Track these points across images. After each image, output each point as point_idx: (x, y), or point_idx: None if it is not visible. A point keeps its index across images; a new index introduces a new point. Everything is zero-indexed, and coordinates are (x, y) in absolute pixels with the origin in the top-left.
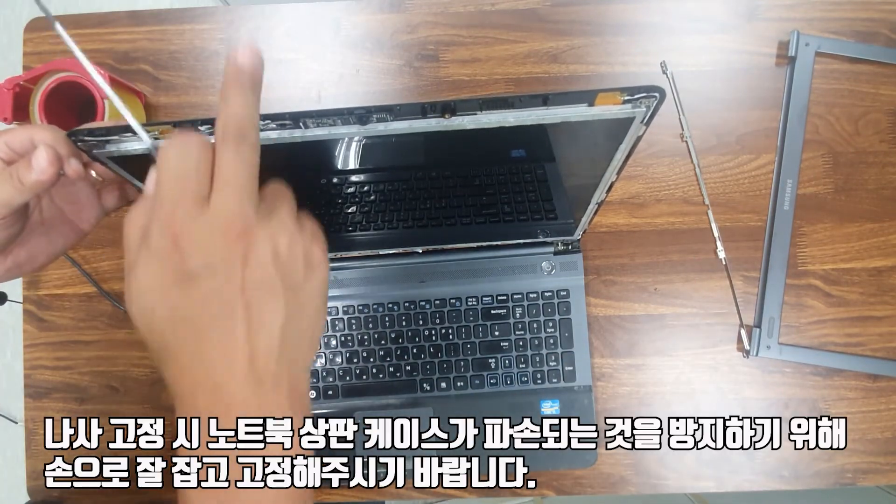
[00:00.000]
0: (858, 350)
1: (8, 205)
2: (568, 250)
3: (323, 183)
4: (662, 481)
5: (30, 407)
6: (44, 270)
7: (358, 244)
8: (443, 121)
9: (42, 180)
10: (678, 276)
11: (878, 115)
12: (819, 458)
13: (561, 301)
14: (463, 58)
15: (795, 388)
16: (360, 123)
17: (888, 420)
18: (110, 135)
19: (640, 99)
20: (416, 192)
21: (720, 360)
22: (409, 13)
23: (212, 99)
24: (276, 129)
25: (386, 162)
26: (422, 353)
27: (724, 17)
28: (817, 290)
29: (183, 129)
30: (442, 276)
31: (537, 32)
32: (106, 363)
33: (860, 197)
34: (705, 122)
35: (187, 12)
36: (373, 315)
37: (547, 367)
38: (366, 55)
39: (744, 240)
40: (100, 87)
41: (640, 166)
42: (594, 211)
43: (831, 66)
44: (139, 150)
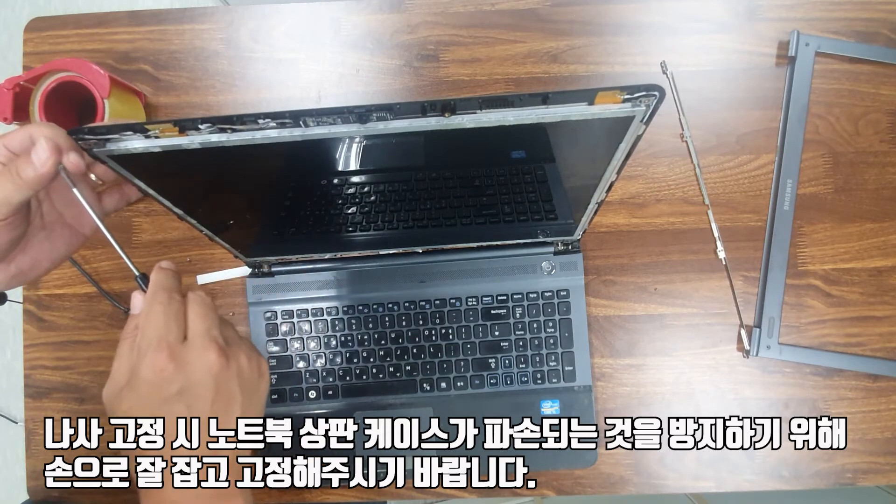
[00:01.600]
0: (858, 350)
1: (7, 203)
2: (568, 250)
3: (323, 183)
4: (662, 481)
5: (30, 407)
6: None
7: (358, 244)
8: (443, 120)
9: (42, 174)
10: (678, 276)
11: (878, 115)
12: (819, 458)
13: (561, 301)
14: (463, 58)
15: (795, 388)
16: (360, 122)
17: (888, 420)
18: (110, 133)
19: (640, 98)
20: (417, 192)
21: (720, 360)
22: (409, 13)
23: (212, 99)
24: (276, 127)
25: (386, 162)
26: (422, 353)
27: (724, 17)
28: (817, 290)
29: (157, 272)
30: (442, 276)
31: (537, 32)
32: (106, 363)
33: (860, 197)
34: (705, 122)
35: (187, 12)
36: (373, 315)
37: (547, 367)
38: (366, 55)
39: (744, 240)
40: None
41: (640, 166)
42: (594, 211)
43: (831, 66)
44: (139, 149)
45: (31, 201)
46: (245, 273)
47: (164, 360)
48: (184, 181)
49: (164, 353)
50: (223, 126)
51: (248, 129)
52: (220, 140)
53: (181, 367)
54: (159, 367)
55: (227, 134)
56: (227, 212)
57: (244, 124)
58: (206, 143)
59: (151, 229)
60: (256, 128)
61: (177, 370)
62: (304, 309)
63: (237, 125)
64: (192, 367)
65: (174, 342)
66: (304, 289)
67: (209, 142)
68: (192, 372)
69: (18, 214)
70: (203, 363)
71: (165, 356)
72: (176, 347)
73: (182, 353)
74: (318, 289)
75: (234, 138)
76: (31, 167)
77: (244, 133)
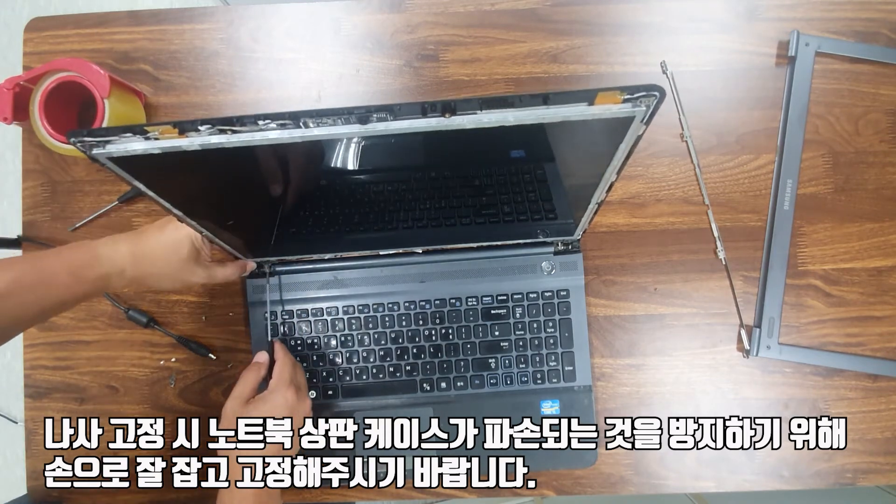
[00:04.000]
0: (858, 350)
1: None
2: (568, 250)
3: (323, 184)
4: (662, 481)
5: (30, 407)
6: None
7: (358, 244)
8: (443, 120)
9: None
10: (678, 276)
11: (878, 115)
12: (819, 458)
13: (561, 301)
14: (463, 58)
15: (795, 388)
16: (360, 123)
17: (888, 420)
18: (110, 135)
19: (640, 98)
20: (417, 192)
21: (720, 360)
22: (409, 13)
23: (212, 99)
24: (276, 128)
25: (386, 163)
26: (422, 353)
27: (724, 17)
28: (817, 290)
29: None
30: (442, 276)
31: (537, 32)
32: (106, 363)
33: (860, 197)
34: (705, 122)
35: (187, 12)
36: (373, 315)
37: (547, 367)
38: (366, 55)
39: (744, 240)
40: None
41: (640, 166)
42: (594, 211)
43: (831, 66)
44: (139, 151)
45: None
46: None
47: (293, 394)
48: (183, 182)
49: (293, 390)
50: (223, 127)
51: (248, 131)
52: (220, 142)
53: (300, 400)
54: (291, 397)
55: (227, 135)
56: (226, 213)
57: (244, 125)
58: (205, 145)
59: None
60: (256, 129)
61: (298, 401)
62: (304, 309)
63: (237, 126)
64: (301, 403)
65: (295, 386)
66: (303, 289)
67: (209, 143)
68: (300, 406)
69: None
70: (306, 403)
71: (293, 392)
72: (296, 389)
73: (298, 393)
74: (318, 289)
75: (234, 140)
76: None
77: (244, 134)
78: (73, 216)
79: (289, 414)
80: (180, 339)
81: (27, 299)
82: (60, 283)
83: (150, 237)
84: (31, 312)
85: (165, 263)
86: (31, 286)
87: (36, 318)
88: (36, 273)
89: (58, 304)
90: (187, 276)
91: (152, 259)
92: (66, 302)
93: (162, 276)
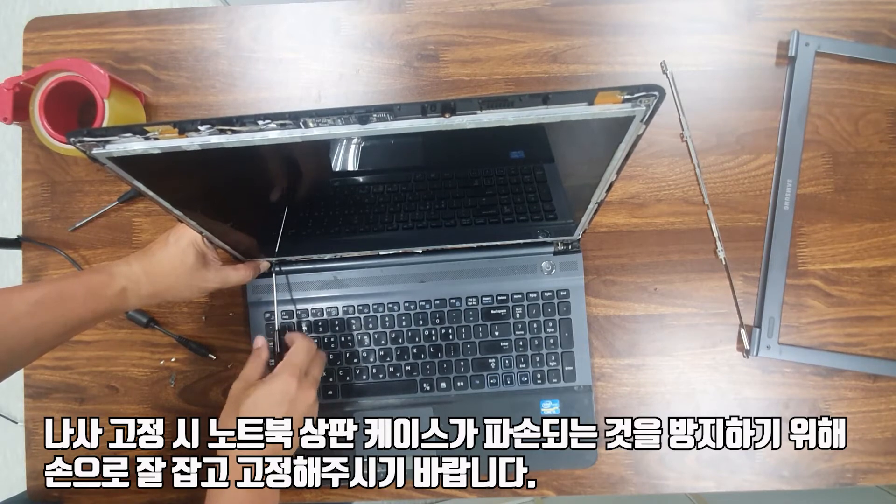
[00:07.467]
0: (858, 350)
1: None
2: (568, 250)
3: (323, 184)
4: (662, 481)
5: (30, 407)
6: (43, 271)
7: (358, 245)
8: (443, 120)
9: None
10: (678, 276)
11: (878, 115)
12: (819, 458)
13: (561, 301)
14: (463, 58)
15: (795, 388)
16: (360, 123)
17: (888, 420)
18: (109, 136)
19: (640, 98)
20: (416, 192)
21: (720, 360)
22: (409, 13)
23: (212, 99)
24: (276, 128)
25: (386, 163)
26: (422, 353)
27: (724, 17)
28: (817, 290)
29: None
30: (442, 276)
31: (537, 32)
32: (106, 363)
33: (860, 197)
34: (705, 122)
35: (187, 12)
36: (373, 315)
37: (547, 367)
38: (366, 55)
39: (744, 240)
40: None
41: (640, 166)
42: (594, 211)
43: (831, 66)
44: (138, 151)
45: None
46: None
47: (294, 382)
48: (183, 182)
49: (296, 379)
50: (223, 127)
51: (248, 131)
52: (220, 142)
53: (301, 389)
54: (292, 384)
55: (227, 135)
56: (226, 213)
57: (244, 126)
58: (205, 145)
59: (152, 229)
60: (256, 129)
61: (298, 390)
62: (304, 309)
63: (237, 126)
64: (302, 392)
65: (301, 374)
66: (303, 289)
67: (209, 143)
68: (300, 395)
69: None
70: (308, 394)
71: (296, 380)
72: (303, 378)
73: (303, 382)
74: (318, 289)
75: (234, 140)
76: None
77: (244, 134)
78: (73, 216)
79: (286, 402)
80: (180, 339)
81: (47, 318)
82: (79, 302)
83: (156, 252)
84: (52, 332)
85: (176, 275)
86: (52, 306)
87: (57, 337)
88: (56, 293)
89: (77, 322)
90: (200, 283)
91: (163, 273)
92: (85, 320)
93: (175, 287)
